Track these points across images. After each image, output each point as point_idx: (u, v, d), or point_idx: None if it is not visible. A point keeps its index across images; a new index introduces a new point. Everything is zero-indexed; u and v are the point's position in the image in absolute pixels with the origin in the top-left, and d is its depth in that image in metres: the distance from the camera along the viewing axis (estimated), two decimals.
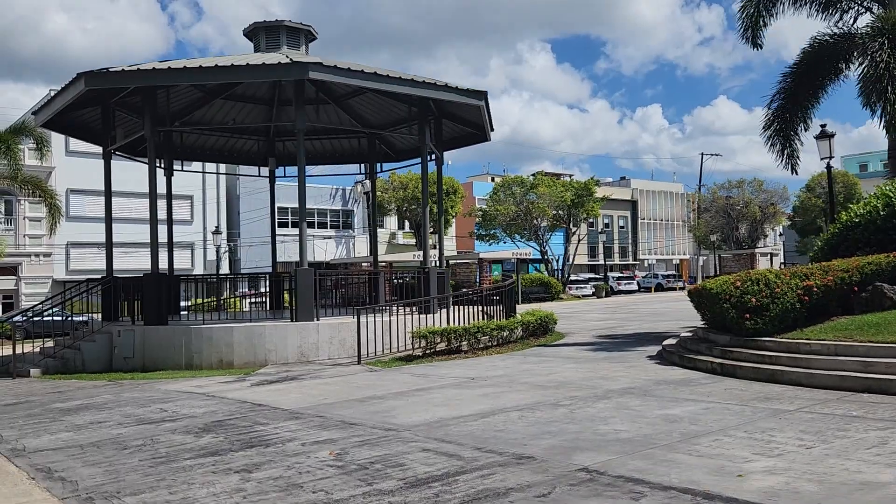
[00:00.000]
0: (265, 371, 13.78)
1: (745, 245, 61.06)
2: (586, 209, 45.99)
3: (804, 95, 15.58)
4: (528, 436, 6.96)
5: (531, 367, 12.45)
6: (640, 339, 16.60)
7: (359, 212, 55.40)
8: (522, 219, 45.25)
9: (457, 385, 10.64)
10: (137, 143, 21.09)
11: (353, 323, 15.48)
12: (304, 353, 15.12)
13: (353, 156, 24.57)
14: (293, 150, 24.18)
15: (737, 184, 61.62)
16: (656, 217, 77.94)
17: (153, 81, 15.01)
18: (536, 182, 45.81)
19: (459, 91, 16.76)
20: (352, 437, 7.26)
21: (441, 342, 14.91)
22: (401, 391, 10.31)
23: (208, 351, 14.97)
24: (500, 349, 15.49)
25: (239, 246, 48.94)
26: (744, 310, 10.92)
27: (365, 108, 21.50)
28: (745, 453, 5.94)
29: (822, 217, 62.90)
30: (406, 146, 23.41)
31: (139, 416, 9.25)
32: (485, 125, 19.58)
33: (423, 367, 13.20)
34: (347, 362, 14.53)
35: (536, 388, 10.03)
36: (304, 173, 16.09)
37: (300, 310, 15.33)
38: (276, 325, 15.21)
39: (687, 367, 11.30)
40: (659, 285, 57.77)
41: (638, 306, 32.92)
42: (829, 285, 10.99)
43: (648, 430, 6.95)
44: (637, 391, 9.32)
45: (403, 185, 43.72)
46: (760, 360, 10.12)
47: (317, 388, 11.12)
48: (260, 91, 20.85)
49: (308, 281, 15.49)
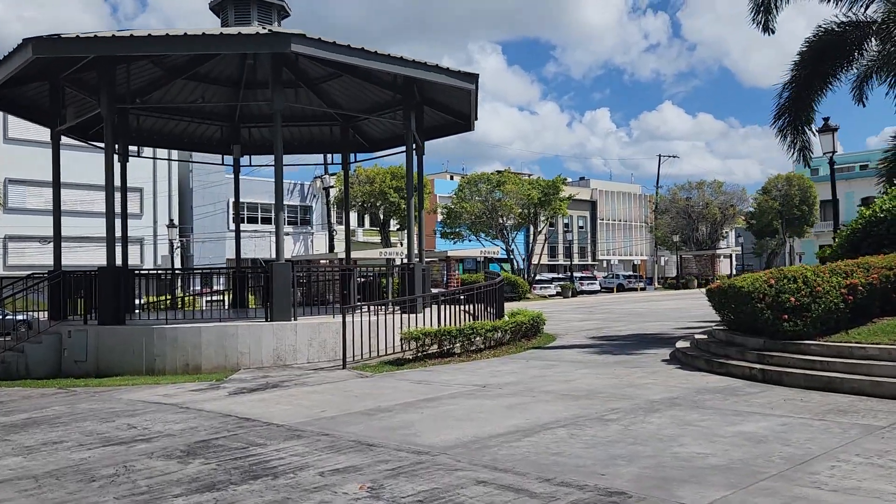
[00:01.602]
0: (240, 377, 12.30)
1: (705, 246, 61.30)
2: (553, 207, 45.17)
3: (814, 85, 14.81)
4: (596, 461, 5.76)
5: (540, 372, 11.27)
6: (640, 341, 15.60)
7: (318, 207, 53.64)
8: (488, 216, 44.17)
9: (469, 394, 9.39)
10: (89, 125, 19.27)
11: (335, 323, 14.12)
12: (281, 355, 13.68)
13: (324, 145, 23.08)
14: (260, 137, 22.66)
15: (697, 185, 61.77)
16: (615, 218, 77.95)
17: (113, 51, 13.34)
18: (503, 179, 44.80)
19: (450, 73, 15.51)
20: (378, 464, 5.95)
21: (432, 344, 13.64)
22: (408, 402, 9.01)
23: (173, 354, 13.40)
24: (495, 352, 14.30)
25: (192, 242, 46.72)
26: (781, 310, 9.94)
27: (340, 94, 20.05)
28: (884, 485, 4.85)
29: (778, 219, 63.61)
30: (382, 135, 22.04)
31: (104, 433, 7.75)
32: (471, 113, 18.36)
33: (419, 373, 11.91)
34: (330, 367, 13.14)
35: (564, 397, 8.85)
36: (282, 160, 14.59)
37: (276, 308, 13.87)
38: (249, 325, 13.72)
39: (718, 372, 10.27)
40: (620, 286, 57.45)
41: (610, 307, 32.14)
42: (873, 284, 10.09)
43: (739, 454, 5.82)
44: (683, 402, 8.21)
45: (370, 179, 42.19)
46: (809, 365, 9.13)
47: (307, 397, 9.73)
48: (227, 71, 19.21)
49: (286, 277, 14.05)
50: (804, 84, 14.81)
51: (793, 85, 14.97)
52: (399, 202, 40.82)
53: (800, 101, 14.87)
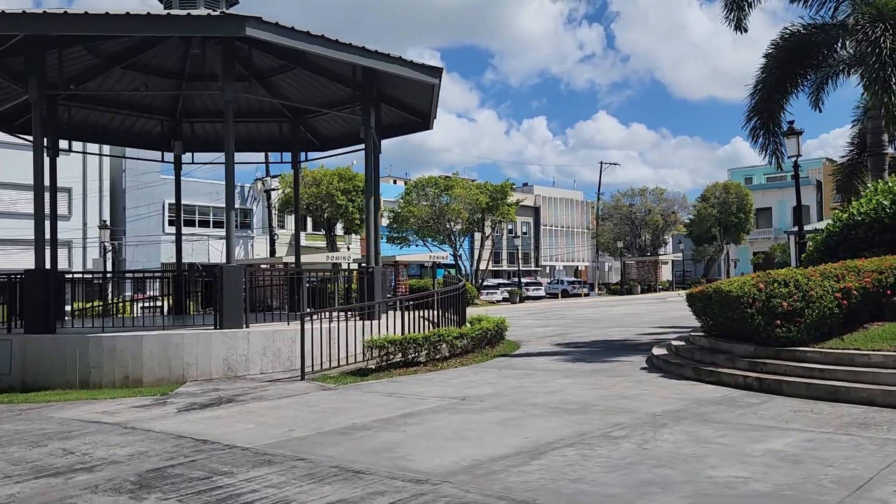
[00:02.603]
0: (188, 390, 11.19)
1: (647, 252, 61.98)
2: (501, 212, 44.70)
3: (785, 87, 14.59)
4: (626, 489, 5.04)
5: (518, 383, 10.54)
6: (608, 348, 15.07)
7: (258, 211, 51.92)
8: (436, 221, 43.40)
9: (450, 409, 8.58)
10: (14, 116, 17.76)
11: (291, 331, 13.14)
12: (232, 366, 12.60)
13: (272, 143, 21.87)
14: (203, 133, 21.37)
15: (639, 192, 62.43)
16: (558, 224, 78.28)
17: (44, 30, 12.04)
18: (451, 183, 44.11)
19: (414, 65, 14.69)
20: (373, 497, 5.08)
21: (397, 353, 12.77)
22: (385, 417, 8.14)
23: (110, 365, 12.17)
24: (461, 360, 13.52)
25: (124, 245, 44.52)
26: (773, 315, 9.48)
27: (291, 89, 18.95)
28: None
29: (716, 226, 64.87)
30: (334, 133, 21.02)
31: (35, 462, 6.64)
32: (431, 111, 17.58)
33: (386, 384, 11.04)
34: (287, 378, 12.14)
35: (556, 411, 8.13)
36: (233, 156, 13.50)
37: (227, 315, 12.78)
38: (197, 333, 12.57)
39: (707, 381, 9.73)
40: (565, 291, 57.46)
41: (562, 312, 31.77)
42: (867, 288, 9.72)
43: (782, 478, 5.18)
44: (688, 415, 7.59)
45: (316, 181, 40.84)
46: (809, 374, 8.65)
47: (269, 413, 8.75)
48: (169, 61, 17.93)
49: (237, 281, 12.98)
50: (775, 85, 14.60)
51: (762, 87, 14.73)
52: (347, 205, 39.69)
53: (771, 103, 14.65)
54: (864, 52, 12.37)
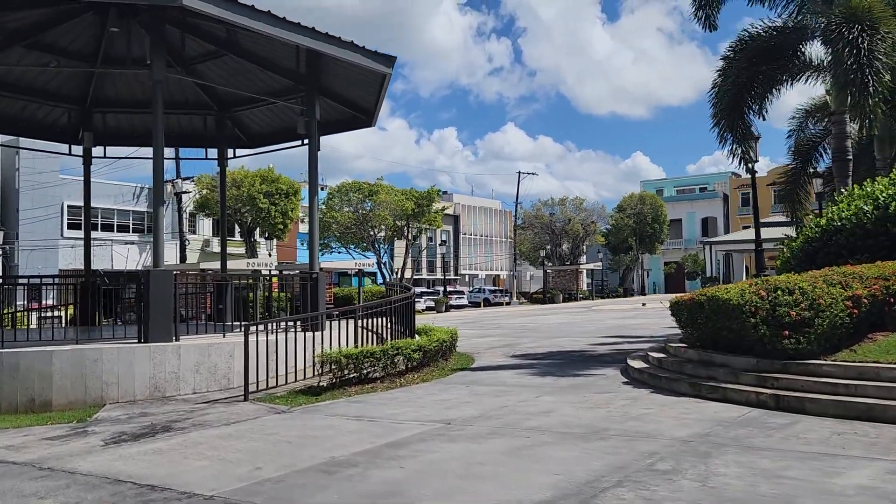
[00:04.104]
0: (109, 415, 9.50)
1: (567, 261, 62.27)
2: (427, 219, 43.58)
3: (752, 89, 14.16)
4: None
5: (497, 401, 9.41)
6: (570, 360, 14.16)
7: (167, 214, 48.94)
8: (359, 227, 41.83)
9: (438, 436, 7.35)
10: None
11: (228, 344, 11.62)
12: (160, 385, 10.93)
13: (194, 138, 19.96)
14: (117, 125, 19.32)
15: (559, 201, 62.74)
16: (477, 232, 77.94)
17: None
18: (376, 189, 42.67)
19: (366, 52, 13.38)
20: None
21: (352, 368, 11.39)
22: (367, 449, 6.83)
23: (12, 386, 10.31)
24: (420, 375, 12.27)
25: (17, 249, 40.86)
26: (779, 326, 8.73)
27: (220, 77, 17.24)
28: None
29: (633, 236, 65.97)
30: (264, 129, 19.39)
31: None
32: (376, 105, 16.30)
33: (346, 405, 9.68)
34: (226, 398, 10.59)
35: (566, 437, 7.04)
36: (162, 145, 11.89)
37: (154, 326, 11.11)
38: (119, 347, 10.83)
39: (710, 398, 8.88)
40: (486, 300, 56.90)
41: (494, 321, 30.91)
42: (875, 296, 9.12)
43: None
44: (723, 440, 6.64)
45: (237, 183, 38.49)
46: (832, 390, 7.89)
47: (222, 445, 7.27)
48: (80, 40, 15.89)
49: (166, 287, 11.35)
50: (744, 86, 14.14)
51: (729, 89, 14.23)
52: (269, 208, 37.52)
53: (737, 109, 14.18)
54: (841, 54, 11.98)
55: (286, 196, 37.79)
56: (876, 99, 11.74)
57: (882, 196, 11.42)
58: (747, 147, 14.63)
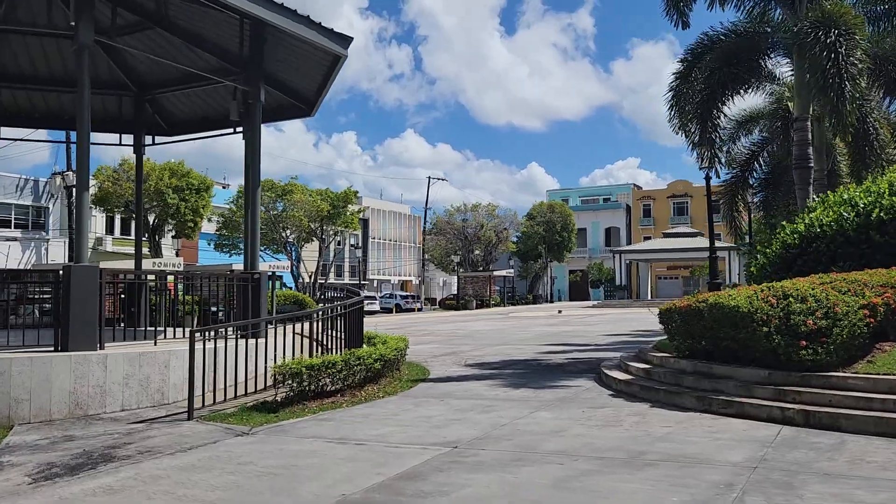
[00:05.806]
0: (25, 440, 7.83)
1: (480, 268, 61.97)
2: (344, 221, 41.96)
3: (720, 93, 13.82)
4: None
5: (489, 419, 8.40)
6: (533, 370, 13.35)
7: (56, 210, 45.18)
8: (271, 228, 39.74)
9: (456, 464, 6.24)
10: None
11: (161, 353, 10.08)
12: (82, 402, 9.27)
13: (106, 122, 17.84)
14: (13, 103, 17.04)
15: (472, 207, 62.40)
16: (386, 237, 76.64)
17: None
18: (289, 188, 40.66)
19: (323, 29, 12.07)
20: None
21: (310, 380, 10.06)
22: (378, 483, 5.63)
23: None
24: (381, 388, 11.07)
25: None
26: (795, 336, 8.15)
27: (142, 55, 15.36)
28: None
29: (542, 244, 66.52)
30: (188, 115, 17.61)
31: None
32: (321, 93, 14.95)
33: (317, 424, 8.40)
34: (165, 416, 9.06)
35: (608, 463, 6.09)
36: (88, 121, 10.17)
37: (75, 332, 9.43)
38: (31, 357, 9.08)
39: (723, 413, 8.17)
40: (398, 306, 55.73)
41: (420, 327, 29.82)
42: (889, 304, 8.69)
43: None
44: (788, 466, 5.87)
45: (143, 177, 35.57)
46: (867, 405, 7.32)
47: (190, 482, 5.87)
48: None
49: (90, 286, 9.67)
50: (716, 88, 13.78)
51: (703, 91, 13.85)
52: (179, 204, 34.86)
53: (707, 112, 13.81)
54: (818, 58, 11.71)
55: (197, 192, 35.29)
56: (853, 105, 11.55)
57: (862, 203, 11.18)
58: (717, 150, 14.35)
